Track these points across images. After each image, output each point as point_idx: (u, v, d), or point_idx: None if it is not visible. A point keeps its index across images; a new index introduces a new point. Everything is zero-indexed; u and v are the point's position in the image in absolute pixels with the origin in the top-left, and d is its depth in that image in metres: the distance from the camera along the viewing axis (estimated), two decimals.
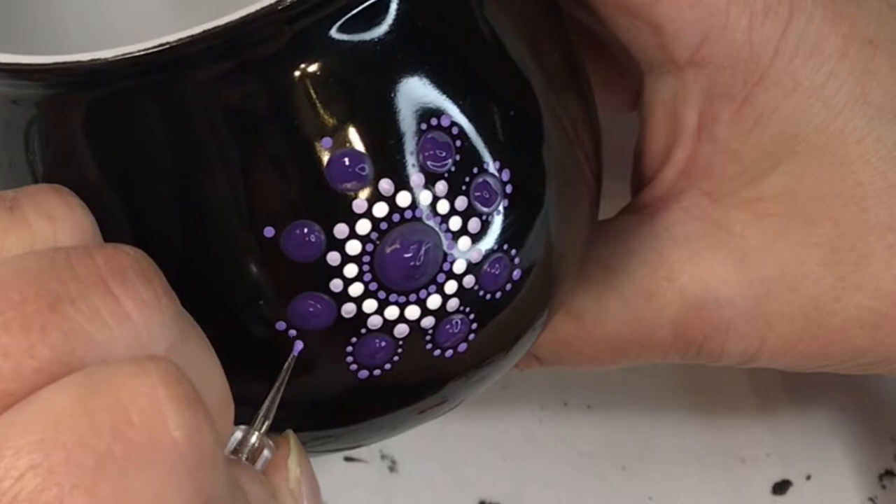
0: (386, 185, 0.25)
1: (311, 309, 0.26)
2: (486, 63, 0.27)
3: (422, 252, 0.26)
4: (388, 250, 0.26)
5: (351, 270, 0.26)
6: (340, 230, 0.25)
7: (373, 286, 0.26)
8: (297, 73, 0.24)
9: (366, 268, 0.26)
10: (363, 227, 0.25)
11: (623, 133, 0.35)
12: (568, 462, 0.40)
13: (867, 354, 0.32)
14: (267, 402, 0.26)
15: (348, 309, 0.26)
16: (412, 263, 0.26)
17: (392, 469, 0.39)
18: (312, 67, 0.24)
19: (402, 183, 0.25)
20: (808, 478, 0.40)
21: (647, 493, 0.40)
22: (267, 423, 0.25)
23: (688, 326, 0.32)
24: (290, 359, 0.26)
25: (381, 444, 0.39)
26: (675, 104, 0.32)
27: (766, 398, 0.41)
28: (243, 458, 0.25)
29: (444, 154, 0.26)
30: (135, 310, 0.21)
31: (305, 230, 0.25)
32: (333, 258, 0.25)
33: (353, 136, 0.25)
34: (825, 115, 0.31)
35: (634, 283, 0.32)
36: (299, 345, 0.26)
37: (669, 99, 0.32)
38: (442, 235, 0.26)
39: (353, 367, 0.27)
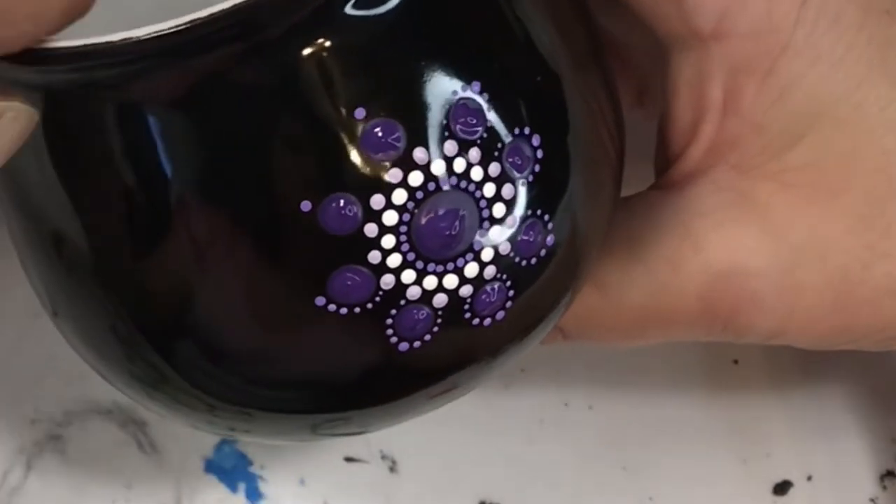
0: (420, 154, 0.25)
1: (350, 282, 0.26)
2: (510, 30, 0.27)
3: (458, 220, 0.26)
4: (425, 220, 0.26)
5: (388, 241, 0.26)
6: (377, 201, 0.25)
7: (411, 256, 0.26)
8: (325, 46, 0.24)
9: (403, 238, 0.26)
10: (399, 196, 0.25)
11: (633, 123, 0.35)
12: (568, 462, 0.40)
13: (891, 329, 0.32)
14: None
15: (387, 280, 0.26)
16: (449, 232, 0.26)
17: (392, 469, 0.39)
18: (337, 41, 0.25)
19: (435, 151, 0.25)
20: (809, 478, 0.40)
21: (647, 493, 0.40)
22: None
23: (715, 298, 0.32)
24: None
25: (381, 444, 0.39)
26: (699, 81, 0.32)
27: (767, 399, 0.41)
28: None
29: (475, 121, 0.26)
30: None
31: (342, 202, 0.25)
32: (371, 230, 0.25)
33: (385, 105, 0.25)
34: (847, 84, 0.31)
35: (660, 253, 0.32)
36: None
37: (693, 76, 0.32)
38: (477, 202, 0.26)
39: (394, 339, 0.27)
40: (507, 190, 0.26)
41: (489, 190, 0.26)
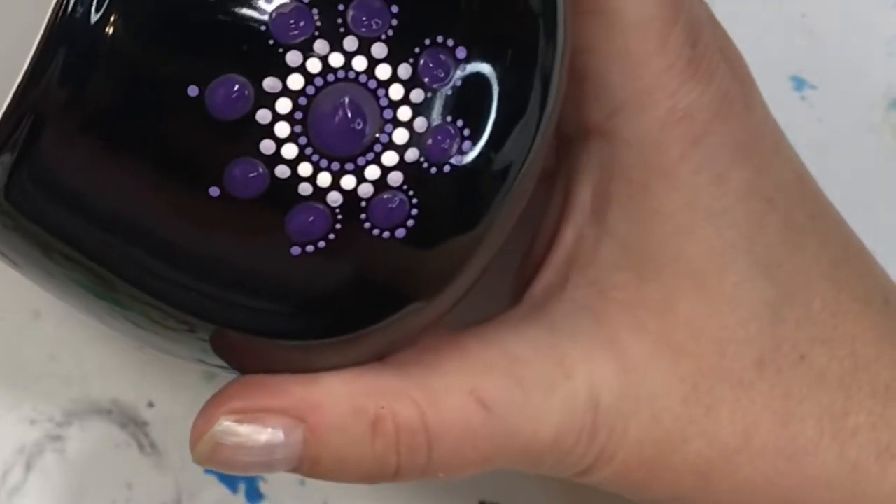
0: (320, 45, 0.25)
1: (244, 173, 0.25)
2: None
3: (357, 115, 0.25)
4: (321, 110, 0.25)
5: (283, 129, 0.25)
6: (271, 84, 0.25)
7: (308, 150, 0.25)
8: None
9: (298, 128, 0.25)
10: (295, 82, 0.25)
11: None
12: None
13: (683, 500, 0.32)
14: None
15: (282, 171, 0.25)
16: (346, 126, 0.25)
17: None
18: None
19: (336, 43, 0.25)
20: None
21: None
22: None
23: (568, 429, 0.31)
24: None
25: None
26: (572, 177, 0.32)
27: None
28: None
29: (380, 22, 0.25)
30: None
31: (232, 86, 0.25)
32: (264, 115, 0.25)
33: None
34: (715, 243, 0.31)
35: (536, 378, 0.31)
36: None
37: (569, 171, 0.32)
38: (378, 101, 0.26)
39: (286, 243, 0.26)
40: (416, 94, 0.26)
41: (396, 92, 0.26)
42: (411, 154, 0.26)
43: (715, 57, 0.31)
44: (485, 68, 0.27)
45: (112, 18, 0.24)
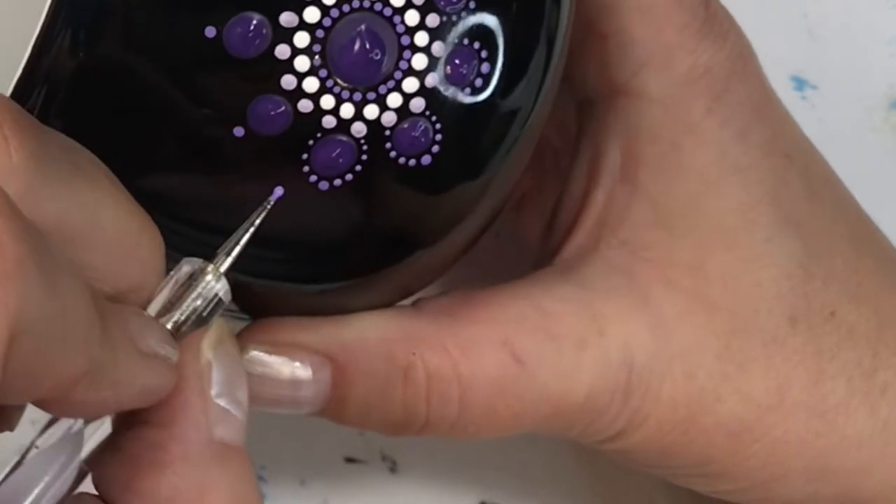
0: None
1: (267, 110, 0.25)
2: None
3: (375, 43, 0.25)
4: (339, 41, 0.25)
5: (303, 64, 0.25)
6: (287, 19, 0.25)
7: (329, 82, 0.25)
8: None
9: (318, 61, 0.25)
10: (311, 14, 0.25)
11: None
12: (568, 462, 0.40)
13: (712, 465, 0.32)
14: (233, 240, 0.25)
15: (305, 106, 0.25)
16: (365, 55, 0.25)
17: (393, 470, 0.39)
18: None
19: None
20: None
21: (648, 493, 0.40)
22: (228, 260, 0.25)
23: (601, 388, 0.31)
24: (266, 201, 0.26)
25: (381, 444, 0.39)
26: (599, 139, 0.32)
27: None
28: (193, 296, 0.24)
29: None
30: None
31: (248, 23, 0.25)
32: (282, 51, 0.25)
33: None
34: (744, 199, 0.31)
35: (570, 333, 0.31)
36: (279, 191, 0.26)
37: (595, 132, 0.32)
38: (394, 27, 0.26)
39: (313, 177, 0.26)
40: (431, 19, 0.26)
41: (411, 18, 0.26)
42: (431, 79, 0.26)
43: (726, 19, 0.32)
44: None
45: None
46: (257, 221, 0.25)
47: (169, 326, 0.24)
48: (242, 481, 0.24)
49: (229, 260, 0.25)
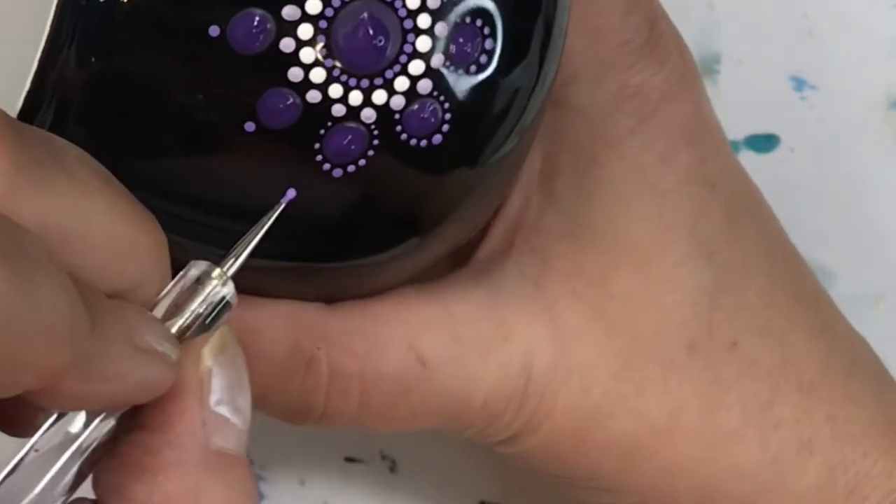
0: None
1: (276, 104, 0.25)
2: None
3: (378, 29, 0.26)
4: (343, 30, 0.25)
5: (308, 55, 0.25)
6: (290, 13, 0.25)
7: (335, 72, 0.26)
8: None
9: (323, 51, 0.25)
10: (313, 6, 0.25)
11: None
12: None
13: (602, 479, 0.32)
14: (243, 243, 0.25)
15: (313, 97, 0.26)
16: (369, 42, 0.26)
17: (392, 469, 0.39)
18: None
19: None
20: None
21: None
22: (237, 264, 0.25)
23: (500, 394, 0.31)
24: (277, 204, 0.26)
25: (381, 444, 0.39)
26: None
27: None
28: (199, 300, 0.24)
29: None
30: None
31: (252, 20, 0.25)
32: (287, 44, 0.25)
33: None
34: (658, 222, 0.31)
35: (475, 337, 0.31)
36: (291, 192, 0.26)
37: None
38: (396, 12, 0.26)
39: (327, 166, 0.26)
40: (432, 1, 0.26)
41: (412, 1, 0.26)
42: (437, 60, 0.26)
43: (670, 42, 0.32)
44: None
45: None
46: (268, 224, 0.26)
47: (174, 331, 0.24)
48: (240, 491, 0.24)
49: (238, 264, 0.25)
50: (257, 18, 0.25)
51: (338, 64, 0.26)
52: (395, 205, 0.28)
